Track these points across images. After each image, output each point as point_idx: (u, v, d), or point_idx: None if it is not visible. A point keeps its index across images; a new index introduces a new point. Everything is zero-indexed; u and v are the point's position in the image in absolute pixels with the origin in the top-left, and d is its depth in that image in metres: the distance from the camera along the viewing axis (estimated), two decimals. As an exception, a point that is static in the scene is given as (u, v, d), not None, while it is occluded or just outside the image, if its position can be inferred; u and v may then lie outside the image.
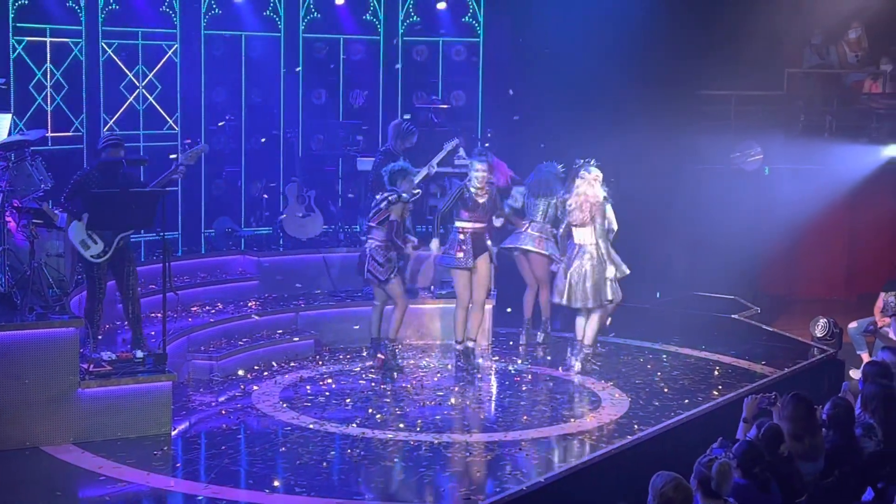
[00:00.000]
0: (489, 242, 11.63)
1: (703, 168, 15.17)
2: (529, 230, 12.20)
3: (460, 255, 11.35)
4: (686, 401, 10.45)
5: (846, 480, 7.23)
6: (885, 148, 15.16)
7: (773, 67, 15.93)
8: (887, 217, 16.40)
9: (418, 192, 11.84)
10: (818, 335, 12.61)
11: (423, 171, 12.57)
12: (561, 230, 11.72)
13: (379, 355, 11.30)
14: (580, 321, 11.51)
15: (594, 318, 11.44)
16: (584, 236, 11.32)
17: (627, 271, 11.55)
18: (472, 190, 11.35)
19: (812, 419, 7.24)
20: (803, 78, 16.32)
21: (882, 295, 13.06)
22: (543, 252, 12.12)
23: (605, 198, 11.36)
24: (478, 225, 11.40)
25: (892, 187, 16.11)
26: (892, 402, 8.00)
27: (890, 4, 15.86)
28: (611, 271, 11.30)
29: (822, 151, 15.15)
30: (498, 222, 11.70)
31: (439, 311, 12.51)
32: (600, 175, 11.39)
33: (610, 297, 11.36)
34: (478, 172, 11.36)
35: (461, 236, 11.38)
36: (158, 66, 13.21)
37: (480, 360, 11.60)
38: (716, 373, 11.58)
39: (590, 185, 11.30)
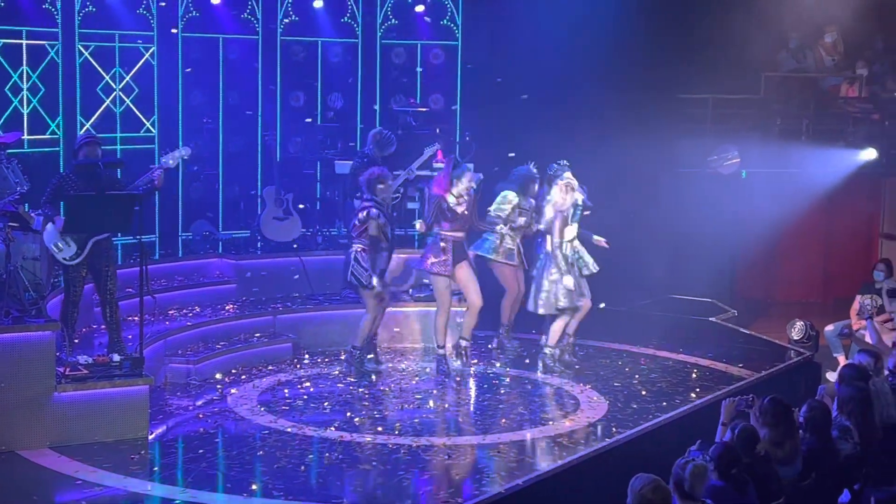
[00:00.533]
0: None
1: (681, 171, 15.22)
2: (498, 240, 12.07)
3: (440, 261, 11.34)
4: (664, 403, 10.47)
5: (823, 482, 7.26)
6: (861, 152, 15.25)
7: (750, 71, 16.00)
8: (863, 220, 16.51)
9: (398, 196, 11.83)
10: (795, 338, 12.68)
11: (403, 176, 12.56)
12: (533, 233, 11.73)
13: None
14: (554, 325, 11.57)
15: (558, 321, 11.48)
16: (552, 242, 11.36)
17: (595, 269, 11.59)
18: (452, 199, 11.34)
19: (790, 423, 7.27)
20: (780, 82, 16.40)
21: (858, 298, 13.15)
22: (509, 263, 12.06)
23: (575, 205, 11.36)
24: (458, 234, 11.41)
25: (867, 191, 16.22)
26: (868, 405, 8.05)
27: (866, 9, 15.95)
28: (568, 280, 11.29)
29: (798, 155, 15.23)
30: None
31: (418, 314, 12.49)
32: (573, 181, 11.40)
33: (562, 305, 11.36)
34: (463, 184, 11.32)
35: (442, 244, 11.38)
36: (135, 68, 13.17)
37: (458, 363, 11.58)
38: (693, 375, 11.61)
39: (560, 191, 11.32)
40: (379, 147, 12.71)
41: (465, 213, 11.38)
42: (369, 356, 11.51)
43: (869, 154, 15.21)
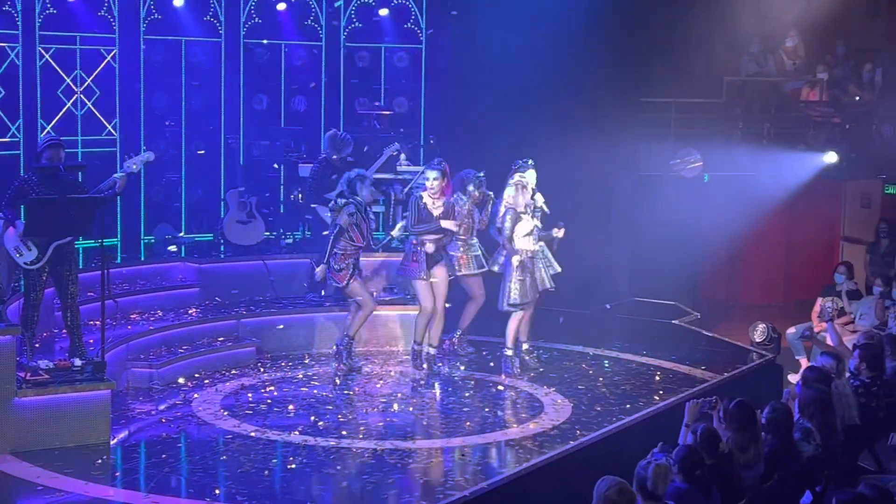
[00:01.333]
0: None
1: (644, 175, 15.29)
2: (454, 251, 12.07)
3: (416, 266, 11.33)
4: (628, 405, 10.50)
5: (785, 484, 7.30)
6: (822, 155, 15.37)
7: (712, 75, 16.10)
8: (824, 223, 16.64)
9: (378, 201, 11.87)
10: (757, 340, 12.76)
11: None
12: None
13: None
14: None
15: (511, 322, 11.54)
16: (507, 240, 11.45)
17: (558, 269, 11.71)
18: (426, 200, 11.32)
19: (754, 426, 7.31)
20: (741, 86, 16.51)
21: (819, 300, 13.24)
22: (470, 272, 12.06)
23: (529, 207, 11.41)
24: (436, 237, 11.38)
25: (828, 194, 16.35)
26: (829, 407, 8.11)
27: (827, 13, 16.09)
28: (514, 279, 11.36)
29: (760, 159, 15.33)
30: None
31: (381, 318, 12.46)
32: (524, 180, 11.44)
33: (508, 304, 11.42)
34: (428, 181, 11.33)
35: (417, 248, 11.37)
36: (97, 71, 13.07)
37: (428, 366, 11.57)
38: (657, 378, 11.66)
39: (513, 190, 11.37)
40: (335, 149, 12.74)
41: (442, 215, 11.31)
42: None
43: (830, 158, 15.33)
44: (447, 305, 11.80)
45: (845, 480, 7.88)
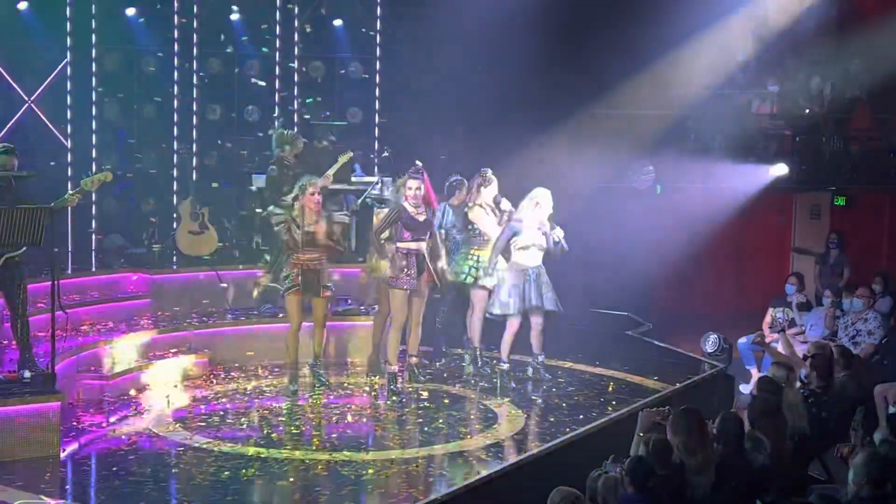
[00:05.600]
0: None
1: (597, 186, 15.35)
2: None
3: (404, 276, 11.10)
4: (581, 416, 10.54)
5: (735, 494, 7.35)
6: (772, 167, 15.51)
7: (664, 88, 16.20)
8: (774, 234, 16.81)
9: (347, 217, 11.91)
10: (708, 351, 12.85)
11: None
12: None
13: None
14: None
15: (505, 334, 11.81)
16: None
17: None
18: (410, 209, 11.25)
19: (703, 432, 7.36)
20: (693, 98, 16.62)
21: (770, 310, 13.36)
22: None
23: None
24: (420, 244, 11.20)
25: (779, 205, 16.51)
26: (779, 417, 8.18)
27: (777, 27, 16.25)
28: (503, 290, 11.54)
29: (711, 170, 15.45)
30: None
31: (334, 329, 12.41)
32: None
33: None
34: (410, 190, 11.19)
35: (406, 259, 11.12)
36: (48, 80, 12.97)
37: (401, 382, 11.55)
38: (610, 388, 11.71)
39: (527, 203, 11.64)
40: (289, 144, 12.57)
41: (426, 222, 11.19)
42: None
43: (780, 169, 15.48)
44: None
45: (795, 490, 7.94)
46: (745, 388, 12.20)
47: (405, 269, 11.08)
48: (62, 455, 9.19)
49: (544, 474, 8.59)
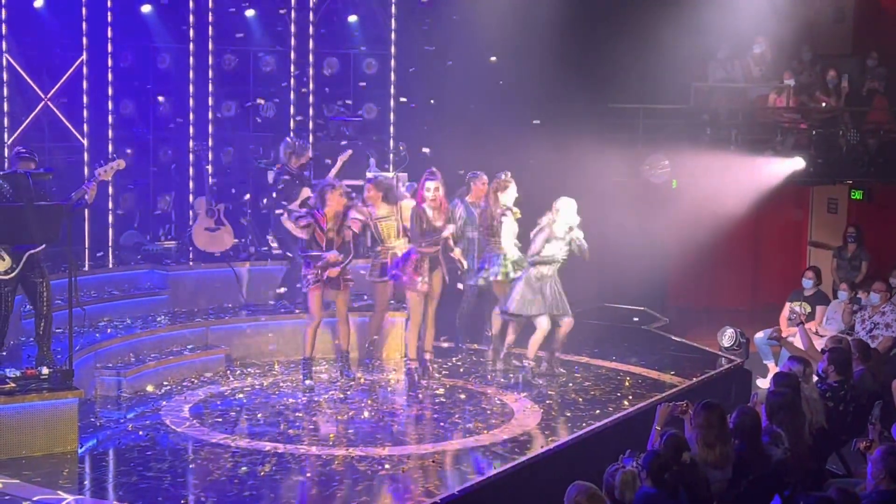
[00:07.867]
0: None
1: (612, 180, 15.32)
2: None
3: (418, 278, 11.25)
4: (597, 411, 10.53)
5: (754, 488, 7.33)
6: (789, 161, 15.45)
7: (680, 81, 16.15)
8: (791, 228, 16.75)
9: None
10: (725, 345, 12.81)
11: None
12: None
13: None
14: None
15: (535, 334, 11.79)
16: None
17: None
18: (430, 213, 11.26)
19: (723, 427, 7.34)
20: (709, 92, 16.57)
21: (787, 305, 13.32)
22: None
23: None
24: (435, 248, 11.33)
25: (795, 199, 16.45)
26: (797, 411, 8.15)
27: (794, 20, 16.19)
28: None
29: (727, 164, 15.40)
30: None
31: (354, 324, 12.40)
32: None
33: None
34: (428, 192, 11.24)
35: (421, 259, 11.25)
36: (65, 77, 12.99)
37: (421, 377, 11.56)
38: (626, 383, 11.70)
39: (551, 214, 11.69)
40: (295, 154, 12.64)
41: (443, 227, 11.27)
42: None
43: (796, 163, 15.42)
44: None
45: (813, 484, 7.92)
46: (763, 383, 12.17)
47: (420, 272, 11.21)
48: (80, 451, 9.23)
49: (561, 469, 8.58)
